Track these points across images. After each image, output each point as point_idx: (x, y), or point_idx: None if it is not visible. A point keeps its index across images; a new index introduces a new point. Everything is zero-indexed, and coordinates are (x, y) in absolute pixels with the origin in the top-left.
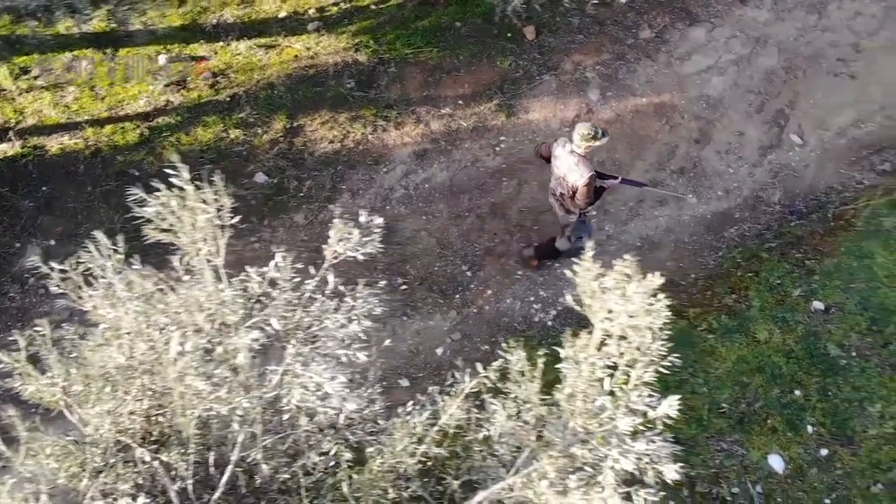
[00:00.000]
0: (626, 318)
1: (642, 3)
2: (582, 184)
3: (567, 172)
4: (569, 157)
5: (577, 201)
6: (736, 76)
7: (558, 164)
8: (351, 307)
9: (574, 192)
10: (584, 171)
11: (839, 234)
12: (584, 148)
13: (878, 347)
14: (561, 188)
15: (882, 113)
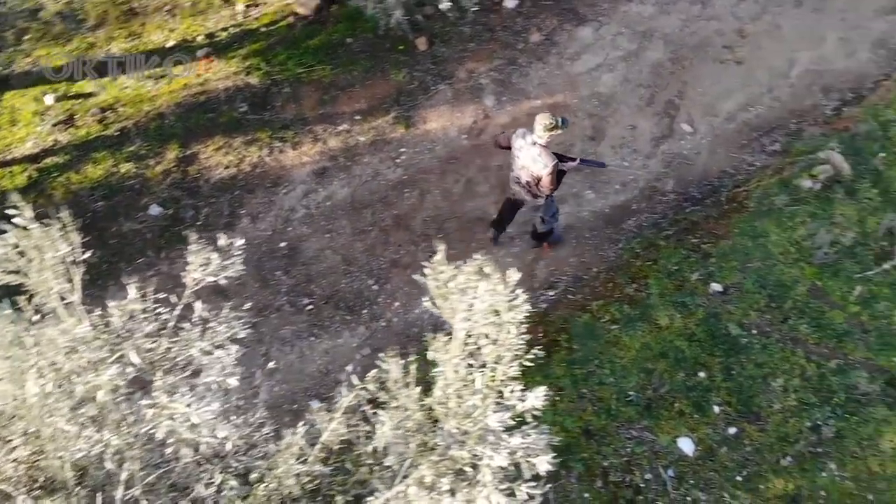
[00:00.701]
0: (485, 317)
1: (530, 8)
2: (546, 173)
3: (530, 163)
4: (531, 149)
5: (542, 188)
6: (625, 71)
7: (520, 154)
8: (215, 333)
9: (539, 180)
10: (547, 160)
11: (733, 216)
12: (546, 138)
13: (778, 323)
14: (526, 177)
15: (769, 95)
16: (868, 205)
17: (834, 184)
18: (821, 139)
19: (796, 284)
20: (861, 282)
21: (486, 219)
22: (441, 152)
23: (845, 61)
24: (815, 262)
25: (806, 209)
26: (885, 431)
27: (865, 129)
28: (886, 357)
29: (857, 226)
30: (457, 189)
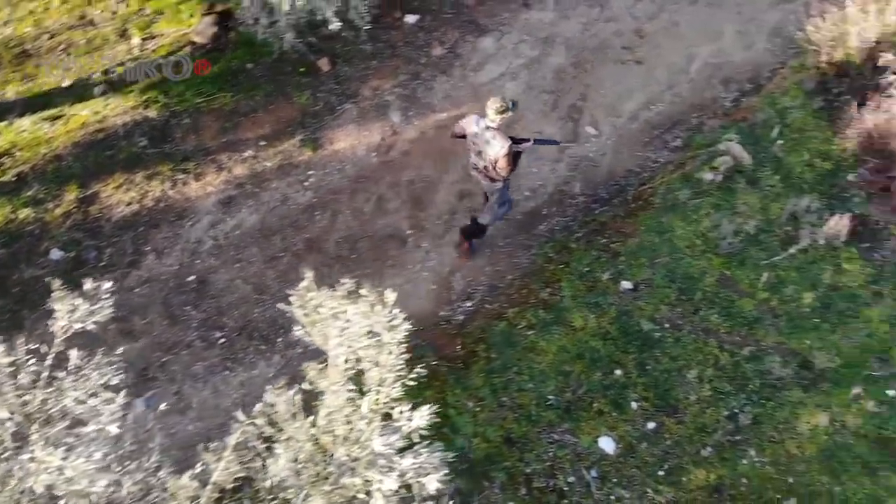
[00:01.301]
0: (360, 340)
1: (431, 22)
2: (502, 154)
3: (486, 147)
4: (485, 133)
5: (499, 171)
6: (528, 79)
7: (476, 140)
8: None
9: (496, 163)
10: (502, 142)
11: (639, 213)
12: (498, 121)
13: (689, 315)
14: (483, 161)
15: (669, 92)
16: (770, 192)
17: (735, 174)
18: (720, 131)
19: (705, 276)
20: (768, 268)
21: (398, 236)
22: (350, 172)
23: (743, 53)
24: (721, 252)
25: (709, 201)
26: (801, 413)
27: (763, 118)
28: (798, 340)
29: (760, 213)
30: (368, 208)
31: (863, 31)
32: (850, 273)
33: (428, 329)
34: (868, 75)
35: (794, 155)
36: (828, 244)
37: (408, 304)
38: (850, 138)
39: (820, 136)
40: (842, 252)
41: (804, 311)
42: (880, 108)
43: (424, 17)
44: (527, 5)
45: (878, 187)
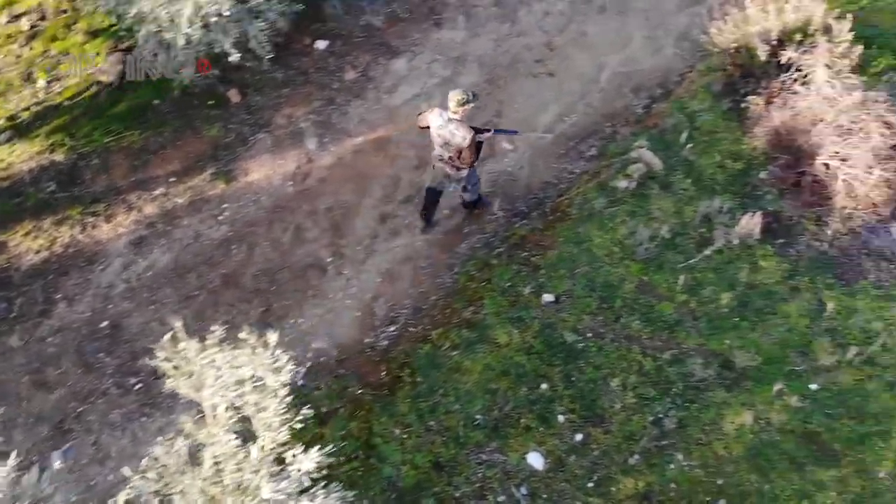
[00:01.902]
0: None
1: (342, 47)
2: (465, 145)
3: (450, 137)
4: (448, 125)
5: (463, 160)
6: (443, 98)
7: (440, 132)
8: None
9: (460, 152)
10: (466, 133)
11: (558, 225)
12: (460, 113)
13: (611, 323)
14: (448, 152)
15: (582, 102)
16: (683, 195)
17: (648, 180)
18: (632, 138)
19: (624, 283)
20: (685, 271)
21: (318, 265)
22: (266, 202)
23: (652, 59)
24: (638, 258)
25: (625, 208)
26: (726, 414)
27: (673, 123)
28: (718, 340)
29: (675, 217)
30: (286, 238)
31: (763, 30)
32: (766, 270)
33: (352, 357)
34: (773, 73)
35: (705, 157)
36: (742, 243)
37: (331, 332)
38: (759, 137)
39: (730, 137)
40: (757, 250)
41: (723, 312)
42: (786, 105)
43: (335, 42)
44: (438, 25)
45: (790, 183)
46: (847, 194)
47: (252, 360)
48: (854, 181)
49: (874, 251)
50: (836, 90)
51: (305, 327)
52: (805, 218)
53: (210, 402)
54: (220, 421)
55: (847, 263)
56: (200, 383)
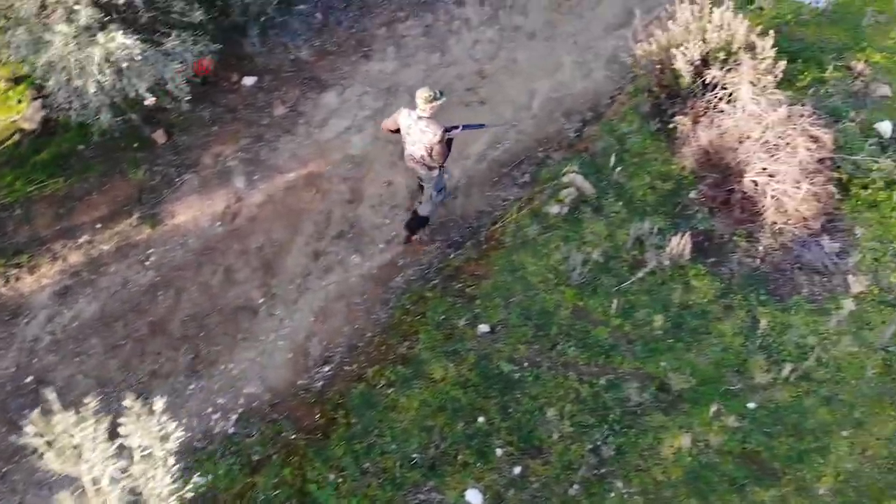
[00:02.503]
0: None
1: (271, 82)
2: (436, 141)
3: (421, 136)
4: (418, 123)
5: (434, 158)
6: (375, 130)
7: (410, 131)
8: None
9: (431, 150)
10: (436, 129)
11: (492, 254)
12: (428, 110)
13: (547, 351)
14: (420, 151)
15: (515, 129)
16: (615, 218)
17: (581, 204)
18: (564, 163)
19: (559, 309)
20: (619, 294)
21: (249, 306)
22: (194, 245)
23: (582, 83)
24: (573, 284)
25: (558, 234)
26: (664, 438)
27: (603, 146)
28: (654, 363)
29: (607, 241)
30: (215, 281)
31: (686, 51)
32: (699, 290)
33: (286, 401)
34: (699, 93)
35: (635, 179)
36: (674, 264)
37: (264, 376)
38: (688, 157)
39: (659, 158)
40: (689, 270)
41: (657, 334)
42: (713, 124)
43: (263, 77)
44: (367, 57)
45: (719, 201)
46: (776, 210)
47: (137, 429)
48: (783, 196)
49: (806, 265)
50: (761, 107)
51: (236, 372)
52: (736, 235)
53: (89, 476)
54: (104, 495)
55: (780, 279)
56: (78, 457)
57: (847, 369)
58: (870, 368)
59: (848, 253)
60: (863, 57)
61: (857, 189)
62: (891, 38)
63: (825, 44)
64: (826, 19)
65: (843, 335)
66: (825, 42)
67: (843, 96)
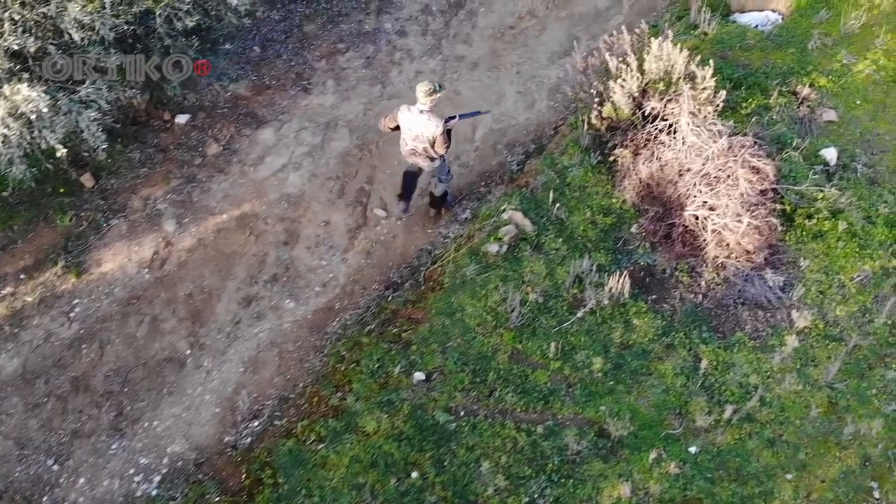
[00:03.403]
0: None
1: (205, 119)
2: (439, 133)
3: (423, 130)
4: (419, 117)
5: (437, 149)
6: (313, 167)
7: (410, 126)
8: None
9: (433, 142)
10: (437, 121)
11: (430, 296)
12: (429, 103)
13: (484, 398)
14: (421, 144)
15: (457, 163)
16: (555, 256)
17: (520, 242)
18: (505, 199)
19: (497, 353)
20: (558, 336)
21: (176, 358)
22: (120, 294)
23: (526, 113)
24: (512, 326)
25: (497, 274)
26: (603, 487)
27: (544, 181)
28: (593, 408)
29: (547, 279)
30: (141, 332)
31: (625, 83)
32: (640, 328)
33: (212, 459)
34: (639, 125)
35: (576, 214)
36: (615, 302)
37: (189, 433)
38: (629, 190)
39: (600, 192)
40: (630, 308)
41: (597, 377)
42: (653, 156)
43: (197, 114)
44: (306, 91)
45: (661, 235)
46: (718, 244)
47: None
48: (724, 230)
49: (750, 300)
50: (701, 138)
51: (161, 430)
52: (678, 270)
53: None
54: None
55: (722, 315)
56: None
57: (791, 408)
58: (814, 407)
59: (792, 286)
60: (808, 81)
61: (802, 219)
62: (837, 60)
63: (770, 69)
64: (771, 43)
65: (787, 372)
66: (770, 67)
67: (789, 123)
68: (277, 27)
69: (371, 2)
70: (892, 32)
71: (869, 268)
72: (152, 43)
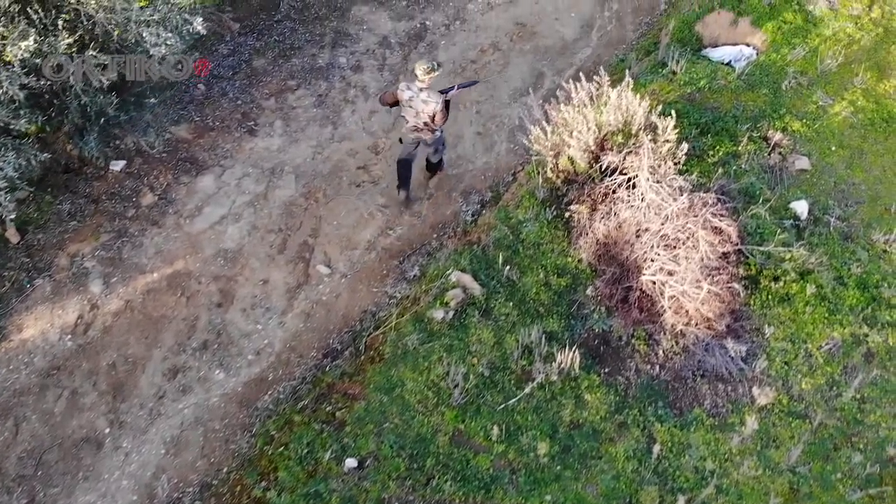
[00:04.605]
0: None
1: (141, 165)
2: (439, 108)
3: (423, 106)
4: (420, 94)
5: (437, 122)
6: (253, 219)
7: (412, 103)
8: None
9: (433, 117)
10: (436, 98)
11: (368, 368)
12: (427, 81)
13: (421, 487)
14: (424, 119)
15: (409, 212)
16: (504, 322)
17: (468, 307)
18: (455, 257)
19: (437, 435)
20: (503, 414)
21: (94, 438)
22: (40, 364)
23: (484, 157)
24: (454, 403)
25: (441, 343)
26: None
27: (497, 237)
28: (537, 497)
29: (495, 350)
30: (59, 407)
31: (581, 135)
32: (591, 405)
33: None
34: (596, 178)
35: (529, 275)
36: (566, 375)
37: None
38: (585, 249)
39: (556, 249)
40: (582, 381)
41: (543, 462)
42: (610, 213)
43: (134, 160)
44: (252, 133)
45: (617, 300)
46: (676, 311)
47: None
48: (682, 297)
49: (710, 372)
50: (661, 195)
51: None
52: (635, 337)
53: None
54: None
55: (680, 388)
56: None
57: (749, 496)
58: (773, 496)
59: (756, 355)
60: (781, 125)
61: (768, 281)
62: (812, 101)
63: (741, 111)
64: (743, 84)
65: (747, 455)
66: (741, 110)
67: (758, 172)
68: (225, 62)
69: (326, 34)
70: (871, 70)
71: (838, 335)
72: (68, 100)
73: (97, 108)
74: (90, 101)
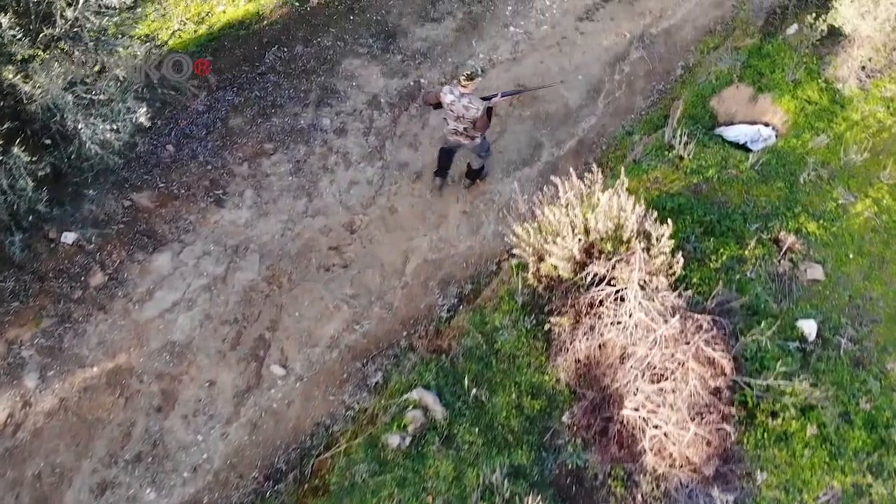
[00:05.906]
0: None
1: (96, 238)
2: (480, 115)
3: (464, 111)
4: (462, 99)
5: (478, 128)
6: (208, 306)
7: (453, 108)
8: None
9: (475, 123)
10: (478, 104)
11: (310, 501)
12: (470, 87)
13: None
14: (463, 125)
15: (380, 303)
16: (467, 452)
17: (428, 432)
18: (420, 368)
19: None
20: None
21: None
22: None
23: (468, 240)
24: None
25: (395, 476)
26: None
27: (469, 346)
28: None
29: (454, 486)
30: None
31: (565, 243)
32: None
33: None
34: (581, 287)
35: (500, 394)
36: None
37: None
38: (563, 368)
39: (533, 364)
40: None
41: None
42: (593, 330)
43: (88, 232)
44: (219, 203)
45: (595, 431)
46: (658, 453)
47: None
48: (665, 438)
49: None
50: (650, 316)
51: None
52: (612, 477)
53: None
54: None
55: None
56: None
57: None
58: None
59: None
60: (795, 226)
61: (765, 416)
62: (832, 199)
63: (751, 208)
64: (756, 175)
65: None
66: (752, 206)
67: (765, 282)
68: (199, 120)
69: (311, 90)
70: None
71: (838, 484)
72: None
73: (26, 207)
74: (16, 199)
